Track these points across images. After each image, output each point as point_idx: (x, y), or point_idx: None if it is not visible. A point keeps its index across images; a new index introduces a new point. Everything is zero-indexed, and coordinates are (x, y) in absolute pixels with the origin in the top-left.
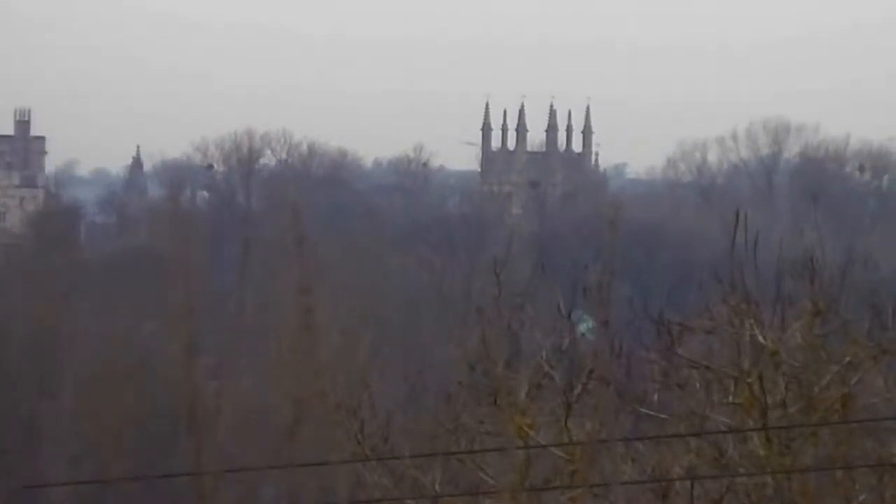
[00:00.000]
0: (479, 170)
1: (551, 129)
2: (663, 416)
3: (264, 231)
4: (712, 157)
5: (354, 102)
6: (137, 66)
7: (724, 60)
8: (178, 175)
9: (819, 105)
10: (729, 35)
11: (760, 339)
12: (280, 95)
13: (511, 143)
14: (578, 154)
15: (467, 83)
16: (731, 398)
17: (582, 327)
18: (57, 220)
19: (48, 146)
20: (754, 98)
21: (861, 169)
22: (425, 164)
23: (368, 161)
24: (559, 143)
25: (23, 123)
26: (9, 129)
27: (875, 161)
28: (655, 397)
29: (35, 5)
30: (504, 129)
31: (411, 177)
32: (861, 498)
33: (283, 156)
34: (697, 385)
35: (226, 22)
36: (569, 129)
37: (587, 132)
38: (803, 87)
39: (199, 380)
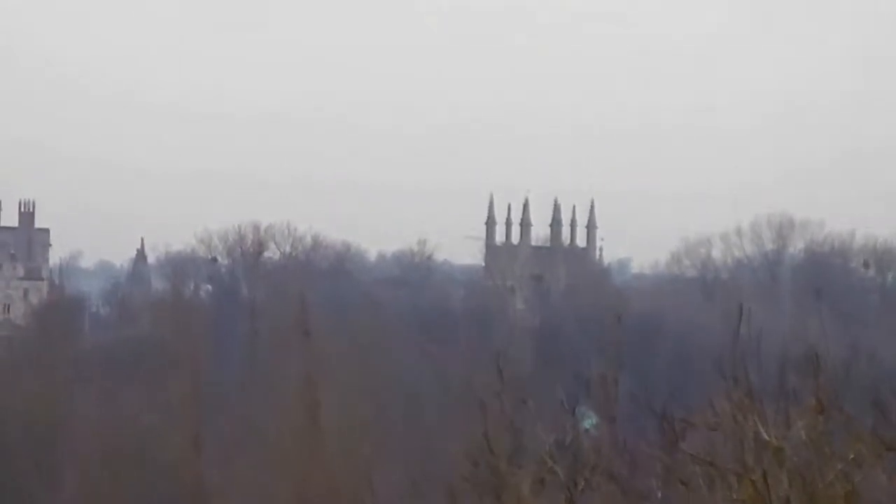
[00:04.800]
0: (483, 264)
1: (555, 223)
2: None
3: (268, 323)
4: (716, 253)
5: (358, 195)
6: (142, 159)
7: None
8: (181, 268)
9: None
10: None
11: (764, 435)
12: (284, 187)
13: (515, 237)
14: (582, 248)
15: (471, 176)
16: (734, 495)
17: (585, 423)
18: (61, 311)
19: (52, 237)
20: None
21: (866, 265)
22: (430, 258)
23: (372, 254)
24: (563, 237)
25: (27, 215)
26: (13, 221)
27: (880, 257)
28: (659, 494)
29: (39, 100)
30: (508, 224)
31: (415, 270)
32: None
33: (288, 248)
34: (701, 481)
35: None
36: (573, 224)
37: (591, 227)
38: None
39: (202, 470)
